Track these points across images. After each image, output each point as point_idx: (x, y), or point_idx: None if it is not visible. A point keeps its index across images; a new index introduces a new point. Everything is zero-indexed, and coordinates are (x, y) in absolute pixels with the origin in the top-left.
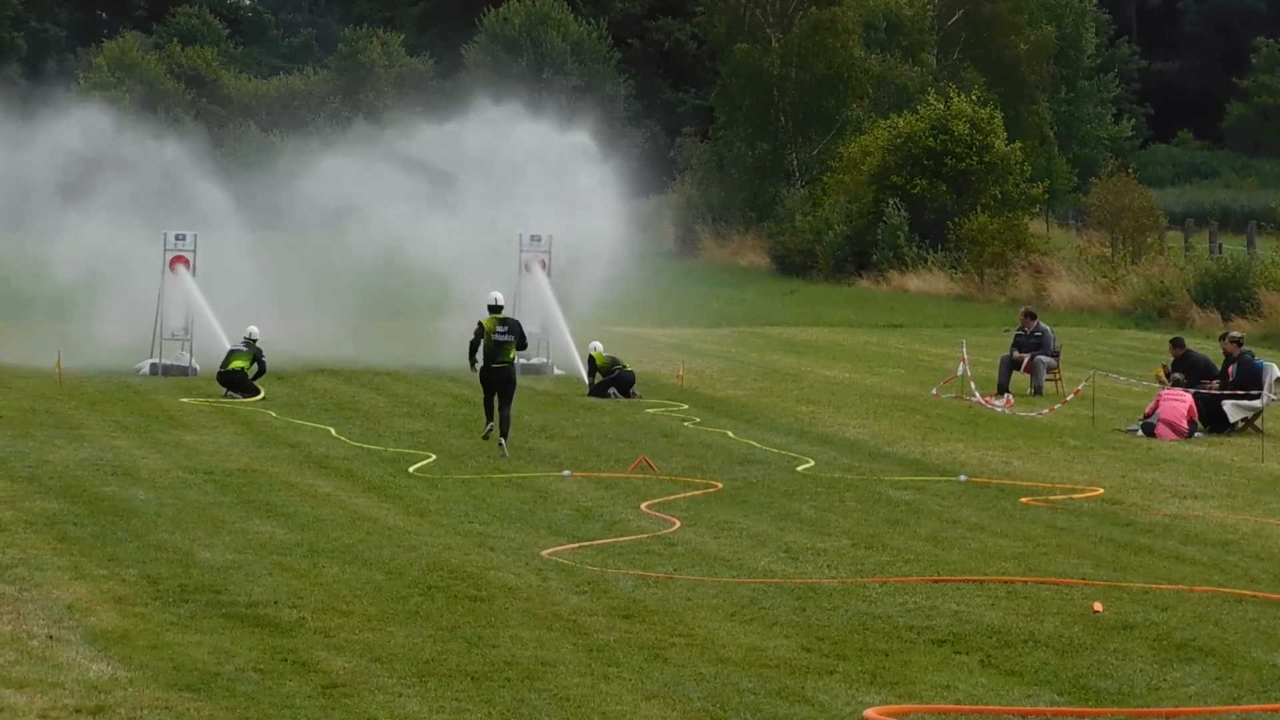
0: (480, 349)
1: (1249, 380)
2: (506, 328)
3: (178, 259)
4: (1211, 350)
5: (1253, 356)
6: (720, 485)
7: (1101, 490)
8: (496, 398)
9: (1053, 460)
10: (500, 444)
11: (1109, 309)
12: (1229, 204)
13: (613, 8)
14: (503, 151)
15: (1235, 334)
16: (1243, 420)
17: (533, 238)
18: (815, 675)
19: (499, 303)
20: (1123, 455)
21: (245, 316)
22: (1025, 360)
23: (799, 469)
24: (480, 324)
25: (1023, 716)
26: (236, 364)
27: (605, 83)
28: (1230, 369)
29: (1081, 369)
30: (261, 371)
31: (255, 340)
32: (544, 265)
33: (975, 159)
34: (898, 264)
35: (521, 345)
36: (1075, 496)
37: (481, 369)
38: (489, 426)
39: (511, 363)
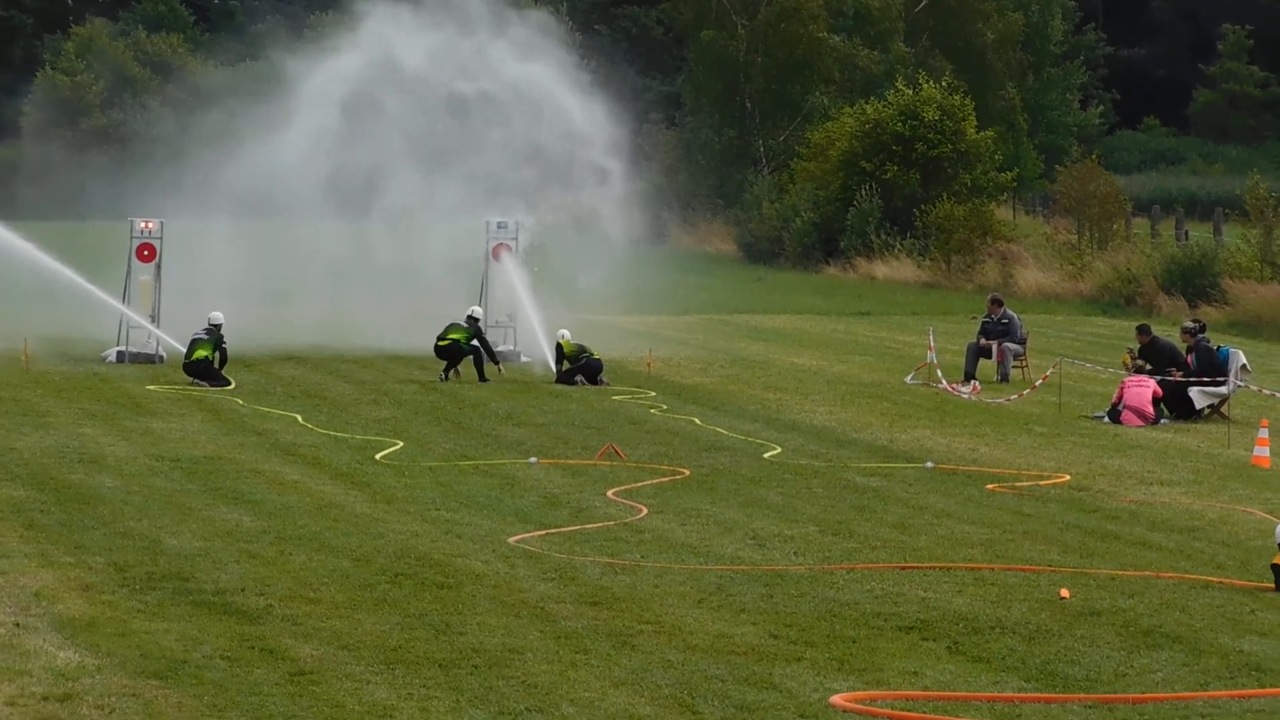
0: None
1: (1210, 367)
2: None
3: (144, 246)
4: (1177, 339)
5: (1209, 343)
6: (687, 472)
7: (1068, 477)
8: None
9: (1020, 447)
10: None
11: (1076, 296)
12: (1195, 191)
13: None
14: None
15: (1187, 323)
16: (1209, 407)
17: (499, 224)
18: (783, 662)
19: (213, 322)
20: (1089, 442)
21: (210, 303)
22: (992, 347)
23: (766, 456)
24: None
25: (990, 703)
26: (200, 353)
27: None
28: (1190, 358)
29: (1048, 356)
30: (223, 360)
31: (219, 326)
32: (511, 252)
33: (948, 146)
34: (865, 251)
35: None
36: (1042, 483)
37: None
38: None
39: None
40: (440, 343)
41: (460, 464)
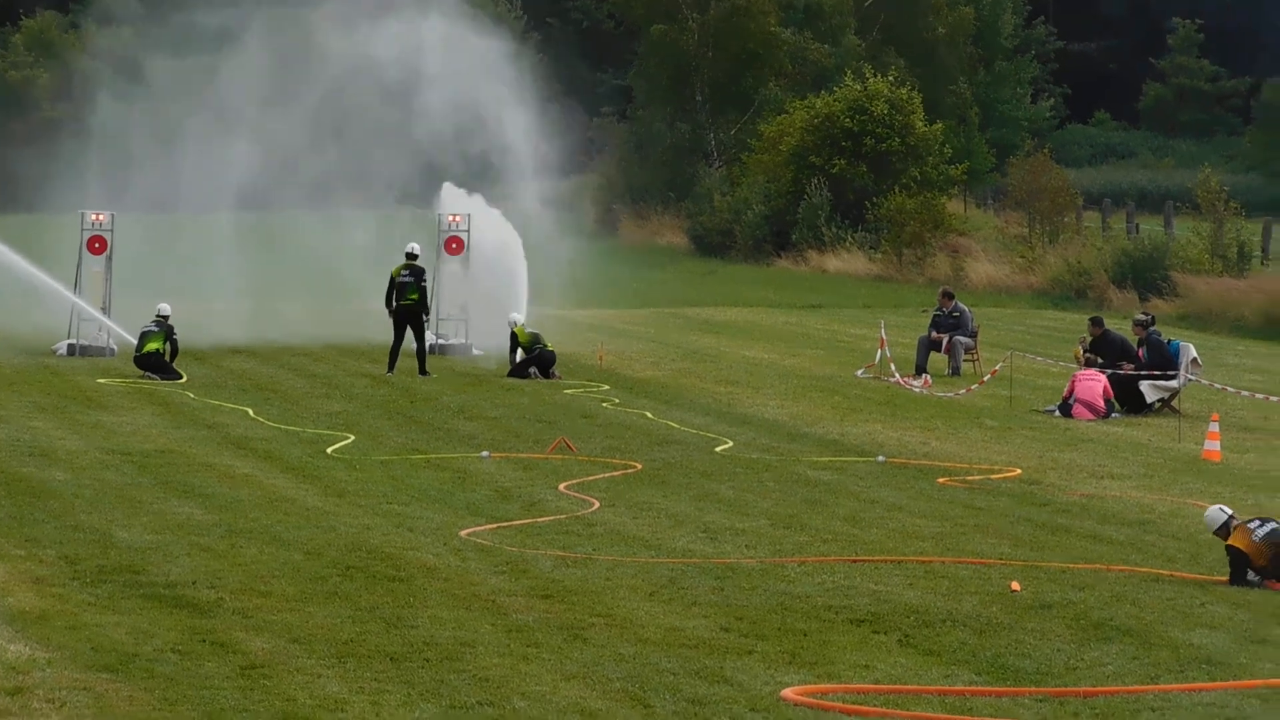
0: None
1: (1160, 360)
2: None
3: (95, 238)
4: (1128, 332)
5: (1160, 336)
6: (639, 466)
7: (1019, 470)
8: None
9: (971, 440)
10: None
11: (1027, 289)
12: (1146, 184)
13: None
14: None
15: (1139, 316)
16: (1159, 401)
17: (453, 218)
18: (734, 655)
19: (161, 314)
20: (1040, 435)
21: (159, 297)
22: (943, 341)
23: (718, 450)
24: None
25: (941, 696)
26: (151, 346)
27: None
28: (1141, 351)
29: (999, 349)
30: (175, 352)
31: (167, 317)
32: (462, 245)
33: (896, 139)
34: (817, 244)
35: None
36: (993, 477)
37: None
38: None
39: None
40: (403, 303)
41: (412, 458)
